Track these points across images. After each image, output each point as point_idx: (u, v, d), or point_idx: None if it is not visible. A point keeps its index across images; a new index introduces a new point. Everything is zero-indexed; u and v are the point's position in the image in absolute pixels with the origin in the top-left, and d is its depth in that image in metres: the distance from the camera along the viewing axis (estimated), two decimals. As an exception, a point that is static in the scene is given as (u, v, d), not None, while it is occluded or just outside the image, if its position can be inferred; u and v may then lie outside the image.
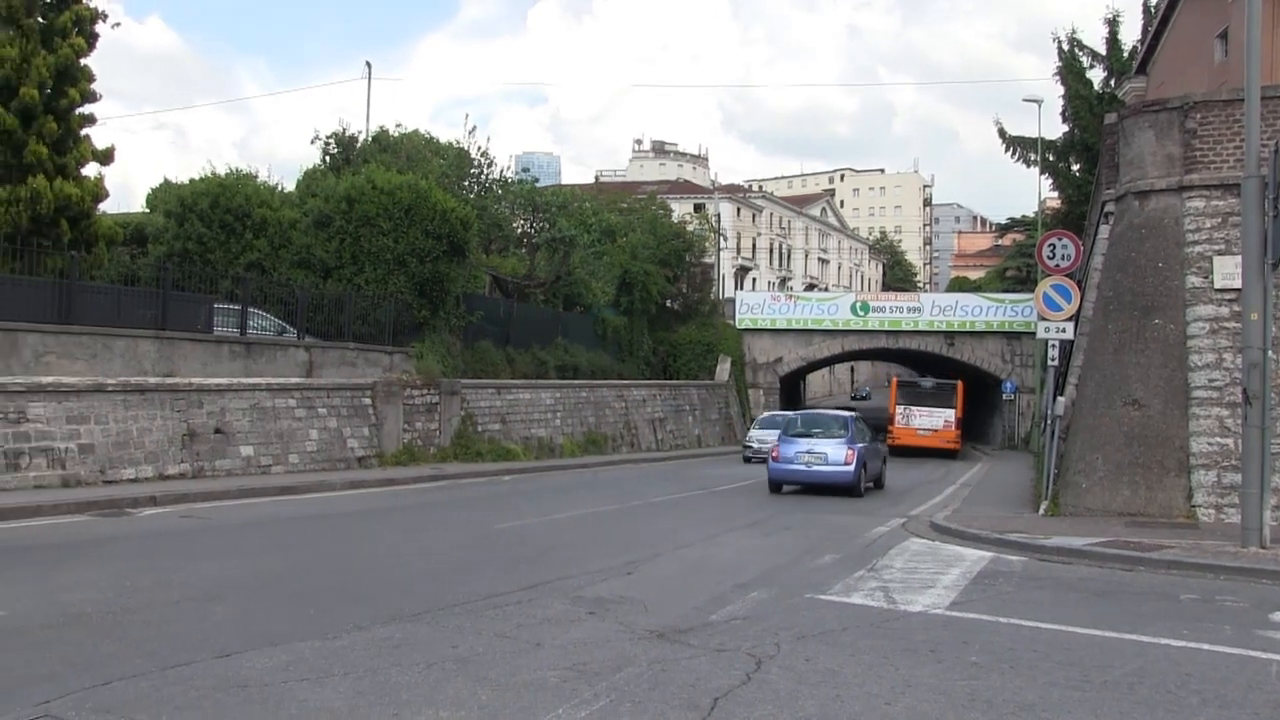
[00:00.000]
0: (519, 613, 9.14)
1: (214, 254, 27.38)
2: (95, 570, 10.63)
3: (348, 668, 7.19)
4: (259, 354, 22.94)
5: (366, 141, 39.15)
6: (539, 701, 6.54)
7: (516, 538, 14.35)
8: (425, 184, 28.89)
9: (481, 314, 31.95)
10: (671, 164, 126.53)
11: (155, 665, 7.06)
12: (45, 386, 17.12)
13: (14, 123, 21.27)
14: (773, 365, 50.24)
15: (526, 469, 26.22)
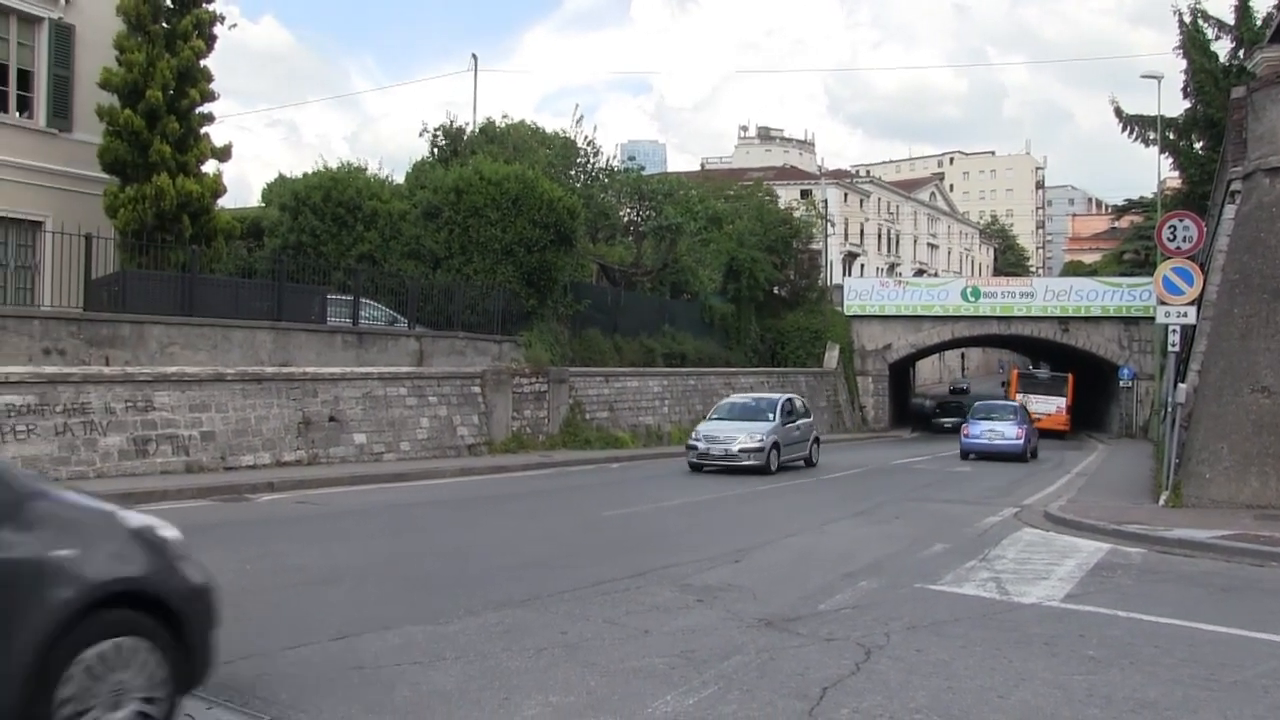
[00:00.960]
0: (627, 599, 9.17)
1: (326, 246, 27.99)
2: (217, 553, 10.93)
3: (459, 651, 7.30)
4: (371, 344, 23.40)
5: (474, 133, 39.60)
6: (647, 688, 6.55)
7: (624, 525, 14.41)
8: (532, 174, 29.10)
9: (589, 302, 32.11)
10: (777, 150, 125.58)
11: (274, 646, 7.26)
12: (170, 376, 17.71)
13: (140, 124, 22.00)
14: (881, 352, 49.61)
15: (634, 456, 26.31)
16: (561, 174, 35.72)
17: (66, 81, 23.58)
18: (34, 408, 15.64)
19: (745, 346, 43.79)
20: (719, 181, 58.02)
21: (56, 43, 23.41)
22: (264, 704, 6.02)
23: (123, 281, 19.92)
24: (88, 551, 4.93)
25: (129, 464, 16.64)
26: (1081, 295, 47.72)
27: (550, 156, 36.80)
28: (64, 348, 17.85)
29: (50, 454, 15.70)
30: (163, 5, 22.86)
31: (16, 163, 22.53)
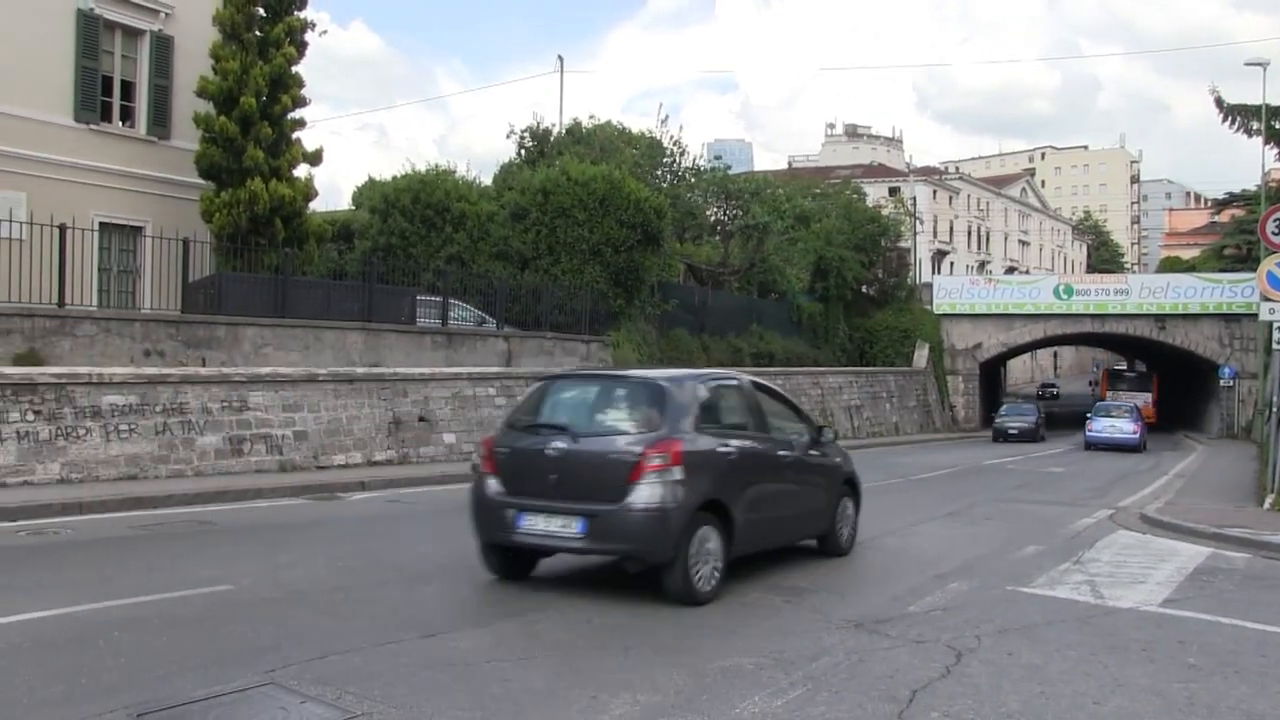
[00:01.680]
0: (716, 599, 9.12)
1: (416, 248, 28.34)
2: (311, 550, 11.13)
3: (549, 649, 7.32)
4: (460, 344, 23.61)
5: (560, 134, 39.81)
6: (735, 688, 6.50)
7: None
8: (619, 174, 29.16)
9: (676, 302, 32.08)
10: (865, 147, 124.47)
11: (367, 642, 7.32)
12: (264, 377, 18.04)
13: (235, 130, 22.48)
14: (971, 351, 48.85)
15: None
16: (648, 174, 35.76)
17: (165, 91, 24.22)
18: (135, 407, 16.04)
19: (833, 346, 43.43)
20: (806, 180, 57.64)
21: (156, 54, 24.07)
22: (356, 699, 6.07)
23: (218, 284, 20.36)
24: (843, 459, 12.10)
25: (225, 463, 16.98)
26: (1179, 292, 46.53)
27: (636, 156, 36.87)
28: (163, 349, 18.29)
29: (151, 452, 16.09)
30: (256, 14, 23.35)
31: (119, 170, 23.22)
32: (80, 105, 22.80)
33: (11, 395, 14.71)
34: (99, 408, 15.58)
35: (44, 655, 6.88)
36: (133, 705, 5.87)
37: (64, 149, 22.31)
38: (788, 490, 10.52)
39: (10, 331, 16.57)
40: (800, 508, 10.78)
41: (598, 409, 9.59)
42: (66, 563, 10.16)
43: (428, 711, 5.91)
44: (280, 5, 23.56)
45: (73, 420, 15.28)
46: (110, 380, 15.87)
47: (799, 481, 10.74)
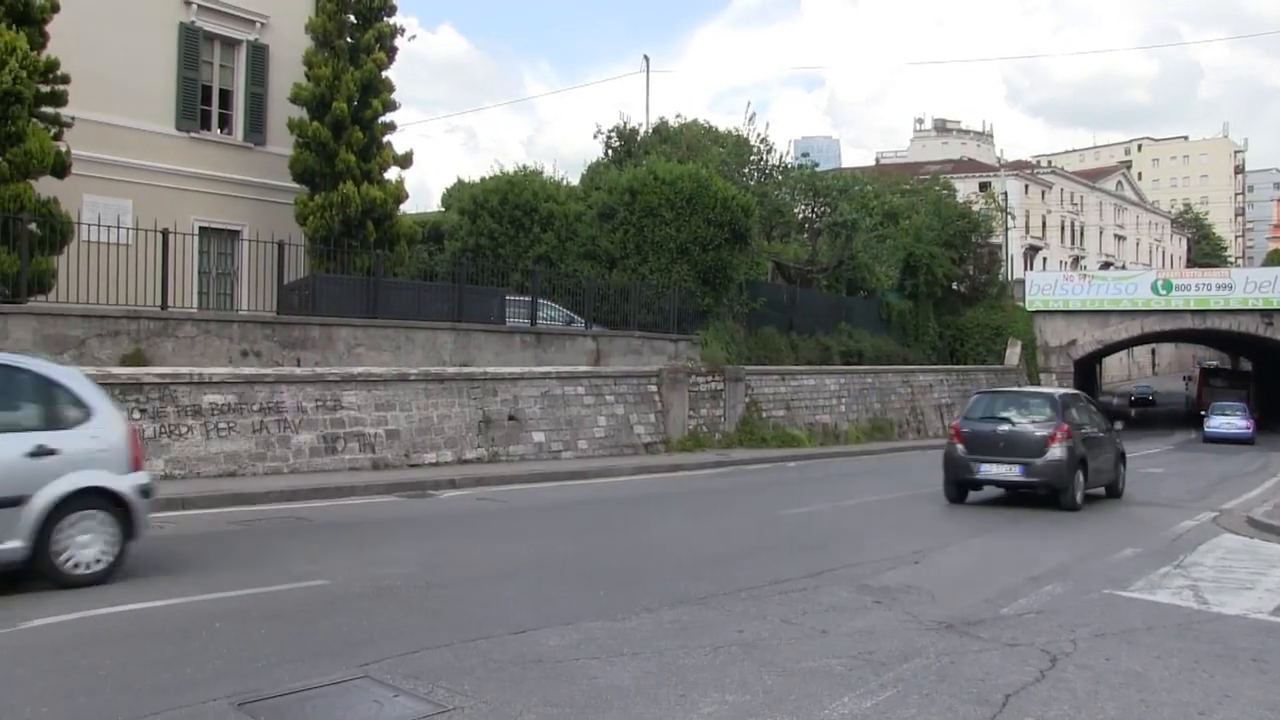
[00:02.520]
0: (804, 599, 9.07)
1: (504, 248, 28.59)
2: (403, 547, 11.30)
3: (636, 648, 7.33)
4: (548, 343, 23.79)
5: (647, 133, 39.86)
6: (824, 689, 6.46)
7: (802, 524, 14.26)
8: (706, 173, 29.11)
9: (764, 300, 31.93)
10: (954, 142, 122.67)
11: (457, 638, 7.42)
12: (356, 376, 18.36)
13: (327, 135, 22.93)
14: (1066, 348, 47.82)
15: (811, 455, 26.05)
16: (735, 172, 35.62)
17: (261, 98, 24.81)
18: (234, 406, 16.45)
19: (924, 343, 42.87)
20: (894, 176, 56.93)
21: (252, 63, 24.67)
22: (447, 693, 6.15)
23: (312, 286, 20.77)
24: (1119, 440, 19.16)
25: (319, 460, 17.32)
26: (1288, 286, 45.03)
27: (723, 155, 36.75)
28: (259, 349, 18.72)
29: (249, 450, 16.48)
30: (347, 21, 23.80)
31: (218, 176, 23.85)
32: (181, 114, 23.46)
33: (119, 394, 15.16)
34: (200, 406, 16.01)
35: (152, 644, 7.10)
36: (234, 694, 6.04)
37: (166, 157, 22.98)
38: (1103, 454, 17.77)
39: (118, 333, 17.11)
40: (1106, 464, 17.97)
41: (1020, 408, 17.20)
42: (171, 556, 10.45)
43: (516, 708, 5.97)
44: (370, 12, 23.96)
45: (175, 418, 15.73)
46: (210, 380, 16.30)
47: (1104, 450, 17.91)
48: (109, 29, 21.68)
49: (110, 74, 21.53)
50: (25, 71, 17.46)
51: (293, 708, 5.89)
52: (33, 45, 17.96)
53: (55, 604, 8.18)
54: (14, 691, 6.07)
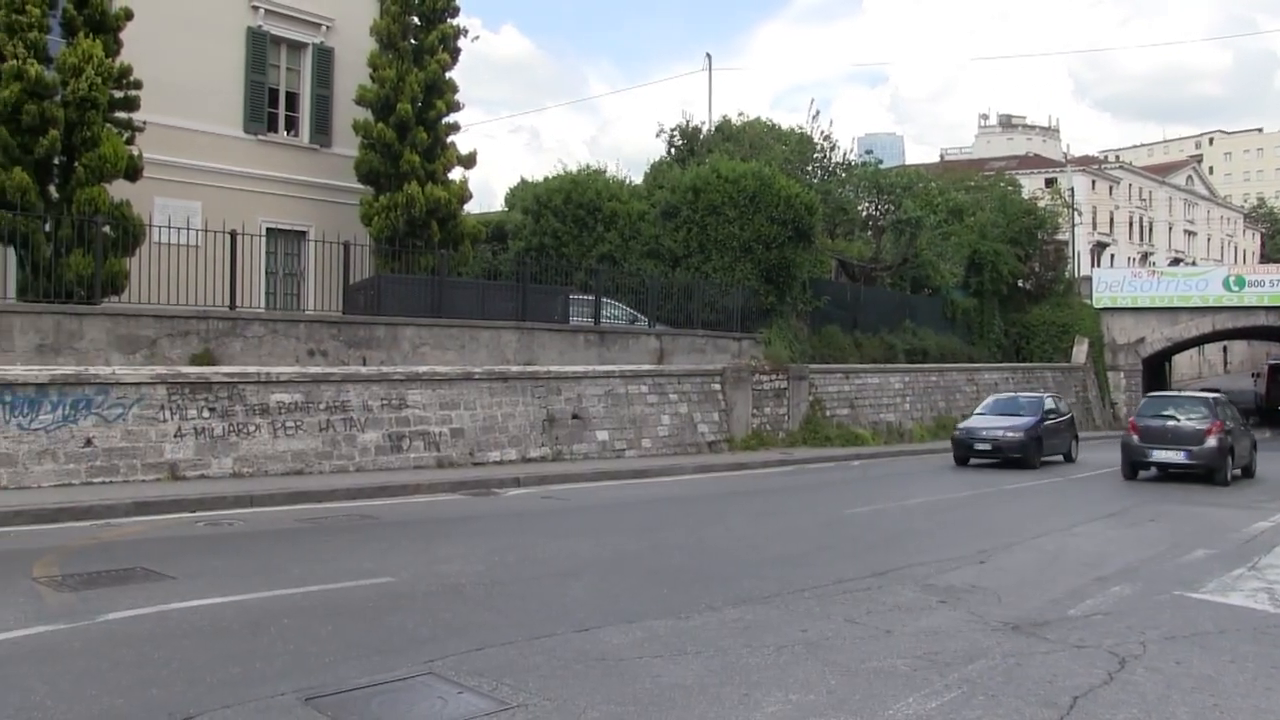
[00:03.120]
0: (868, 599, 8.98)
1: (568, 247, 28.67)
2: (467, 545, 11.35)
3: (699, 646, 7.28)
4: (612, 342, 23.81)
5: (710, 132, 39.78)
6: (888, 689, 6.38)
7: (866, 523, 14.13)
8: (769, 171, 29.00)
9: (828, 299, 31.75)
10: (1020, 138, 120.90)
11: (521, 635, 7.42)
12: (421, 375, 18.49)
13: (392, 136, 23.13)
14: (1134, 346, 46.95)
15: (875, 454, 25.82)
16: (798, 170, 35.45)
17: (326, 100, 25.09)
18: (300, 405, 16.63)
19: (988, 341, 42.36)
20: (959, 173, 56.31)
21: (318, 66, 24.96)
22: (511, 690, 6.15)
23: (377, 286, 20.96)
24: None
25: (384, 459, 17.46)
26: (1368, 281, 43.85)
27: (786, 153, 36.58)
28: (326, 349, 18.92)
29: (315, 449, 16.66)
30: (411, 23, 23.98)
31: (284, 178, 24.16)
32: (249, 117, 23.80)
33: (189, 393, 15.44)
34: (267, 405, 16.21)
35: (221, 639, 7.19)
36: (302, 689, 6.09)
37: (235, 159, 23.33)
38: (1243, 443, 22.41)
39: (188, 333, 17.39)
40: (1244, 451, 22.51)
41: (1182, 408, 21.58)
42: (239, 552, 10.59)
43: (581, 705, 5.95)
44: (434, 13, 24.13)
45: (243, 417, 15.94)
46: (277, 379, 16.49)
47: (1243, 440, 22.59)
48: (179, 35, 22.04)
49: (181, 79, 21.89)
50: (100, 78, 17.85)
51: (359, 703, 5.92)
52: (107, 52, 18.34)
53: (131, 598, 8.32)
54: (92, 682, 6.19)
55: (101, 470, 14.56)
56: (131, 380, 15.06)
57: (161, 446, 15.12)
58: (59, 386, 14.36)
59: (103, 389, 14.74)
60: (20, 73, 17.08)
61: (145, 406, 15.07)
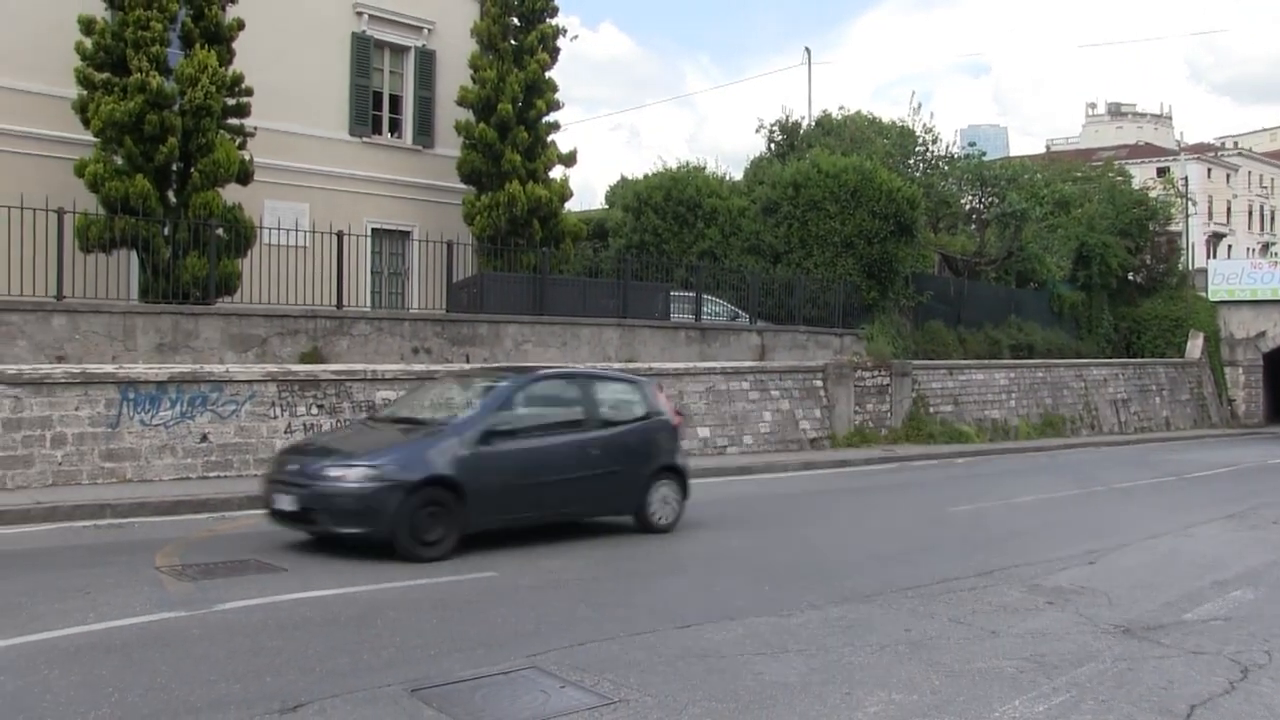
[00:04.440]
0: (973, 599, 8.85)
1: (668, 244, 28.71)
2: (570, 541, 11.42)
3: (801, 644, 7.26)
4: (713, 339, 23.78)
5: (809, 126, 39.50)
6: (994, 691, 6.29)
7: (970, 522, 13.91)
8: (870, 165, 28.70)
9: (931, 293, 31.32)
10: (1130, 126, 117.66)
11: (623, 631, 7.47)
12: (524, 373, 18.64)
13: (493, 136, 23.40)
14: (1253, 340, 45.36)
15: (980, 451, 25.40)
16: (900, 163, 35.01)
17: (429, 102, 25.49)
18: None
19: (1097, 336, 41.33)
20: (1065, 163, 55.00)
21: (420, 68, 25.38)
22: (613, 686, 6.19)
23: (480, 284, 21.24)
24: None
25: (489, 456, 17.64)
26: None
27: (888, 146, 36.17)
28: (430, 346, 19.23)
29: (420, 446, 16.90)
30: (511, 24, 24.23)
31: (389, 179, 24.61)
32: (354, 120, 24.30)
33: (299, 390, 15.82)
34: (373, 402, 16.51)
35: (331, 630, 7.37)
36: (408, 680, 6.21)
37: (341, 161, 23.83)
38: None
39: (297, 332, 17.83)
40: None
41: None
42: (346, 546, 10.80)
43: (682, 701, 5.97)
44: (533, 14, 24.34)
45: (350, 414, 16.26)
46: (383, 376, 16.80)
47: None
48: (288, 42, 22.57)
49: (289, 85, 22.41)
50: (214, 87, 18.41)
51: (463, 695, 6.02)
52: (221, 62, 18.89)
53: (245, 588, 8.57)
54: (211, 668, 6.42)
55: (216, 465, 15.00)
56: (244, 378, 15.49)
57: (272, 442, 15.50)
58: (177, 384, 14.83)
59: (217, 386, 15.18)
60: (143, 85, 17.69)
61: (257, 403, 15.48)
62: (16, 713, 5.66)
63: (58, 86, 19.10)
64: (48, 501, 12.39)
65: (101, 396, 14.18)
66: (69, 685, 6.06)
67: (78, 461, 13.91)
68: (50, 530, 11.58)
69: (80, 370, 14.32)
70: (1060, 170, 47.99)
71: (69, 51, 18.39)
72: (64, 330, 15.96)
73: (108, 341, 16.20)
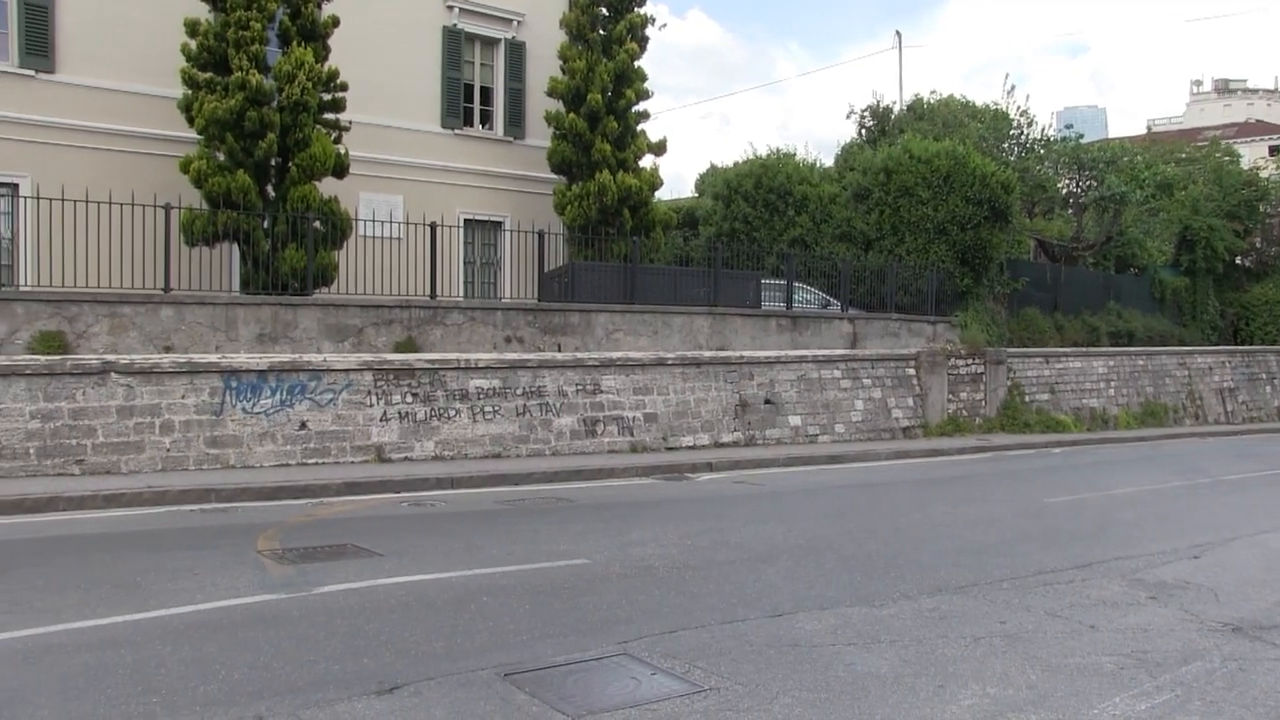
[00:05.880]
0: (1071, 592, 8.69)
1: (758, 232, 28.60)
2: (660, 528, 11.49)
3: (894, 636, 7.22)
4: (804, 327, 23.67)
5: (900, 111, 39.01)
6: (1093, 687, 6.18)
7: (1068, 513, 13.65)
8: (963, 150, 28.26)
9: (1026, 280, 30.76)
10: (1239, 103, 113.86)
11: (714, 619, 7.50)
12: (615, 361, 18.78)
13: (583, 126, 23.53)
14: (1373, 325, 43.74)
15: (1077, 441, 24.90)
16: (994, 148, 34.40)
17: (519, 94, 25.72)
18: (498, 391, 17.14)
19: (1202, 323, 40.18)
20: (1168, 144, 53.43)
21: (510, 60, 25.61)
22: (704, 674, 6.23)
23: (571, 273, 21.41)
24: None
25: (579, 443, 17.83)
26: None
27: (981, 130, 35.53)
28: (522, 335, 19.45)
29: (512, 433, 17.14)
30: (599, 14, 24.35)
31: (480, 170, 24.90)
32: (446, 113, 24.62)
33: (394, 379, 16.12)
34: (466, 391, 16.77)
35: (426, 614, 7.53)
36: (501, 665, 6.32)
37: (433, 154, 24.17)
38: None
39: (392, 322, 18.16)
40: None
41: None
42: (442, 532, 11.02)
43: (773, 690, 5.98)
44: (621, 3, 24.42)
45: (444, 402, 16.54)
46: (476, 365, 17.04)
47: None
48: (381, 37, 22.96)
49: (382, 79, 22.79)
50: (311, 83, 18.81)
51: (555, 680, 6.11)
52: (317, 58, 19.30)
53: (343, 572, 8.78)
54: (310, 648, 6.63)
55: (314, 452, 15.36)
56: (341, 367, 15.83)
57: (369, 430, 15.84)
58: (277, 373, 15.23)
59: (315, 375, 15.55)
60: (244, 83, 18.16)
61: (354, 392, 15.81)
62: (137, 683, 5.96)
63: (163, 87, 19.74)
64: (158, 486, 12.86)
65: (206, 385, 14.64)
66: (180, 661, 6.35)
67: (184, 448, 14.38)
68: (160, 513, 12.04)
69: (186, 360, 14.80)
70: (1162, 151, 46.69)
71: (174, 54, 18.98)
72: (171, 321, 16.49)
73: (211, 332, 16.69)
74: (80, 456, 13.85)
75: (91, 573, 8.72)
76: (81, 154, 19.64)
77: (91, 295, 16.16)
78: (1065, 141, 37.63)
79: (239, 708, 5.61)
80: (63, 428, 13.80)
